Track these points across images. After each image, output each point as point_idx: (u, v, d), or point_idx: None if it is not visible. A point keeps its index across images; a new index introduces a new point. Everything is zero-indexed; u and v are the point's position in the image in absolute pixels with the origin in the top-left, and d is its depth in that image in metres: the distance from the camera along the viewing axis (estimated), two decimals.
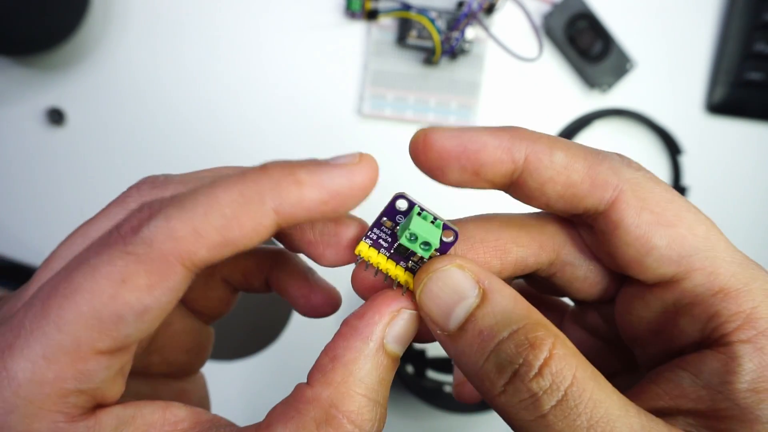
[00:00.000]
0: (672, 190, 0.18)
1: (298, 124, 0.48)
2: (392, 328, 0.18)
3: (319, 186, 0.16)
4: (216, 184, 0.16)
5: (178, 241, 0.15)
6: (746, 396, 0.16)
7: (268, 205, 0.16)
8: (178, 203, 0.16)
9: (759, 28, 0.50)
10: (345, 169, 0.17)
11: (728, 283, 0.17)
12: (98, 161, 0.46)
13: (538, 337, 0.16)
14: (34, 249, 0.45)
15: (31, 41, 0.40)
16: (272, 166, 0.16)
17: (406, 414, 0.51)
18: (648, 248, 0.17)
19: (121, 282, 0.15)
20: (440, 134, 0.18)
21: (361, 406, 0.17)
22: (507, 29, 0.48)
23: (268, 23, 0.47)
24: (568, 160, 0.17)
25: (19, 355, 0.15)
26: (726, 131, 0.53)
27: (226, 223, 0.15)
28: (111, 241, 0.15)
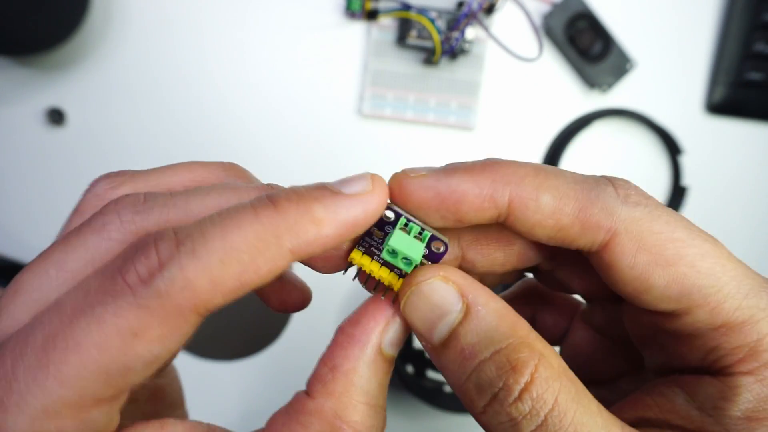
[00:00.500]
0: (675, 222, 0.16)
1: (298, 124, 0.48)
2: (388, 333, 0.17)
3: (336, 223, 0.16)
4: (228, 225, 0.15)
5: (195, 291, 0.14)
6: (738, 423, 0.16)
7: (285, 247, 0.15)
8: (191, 249, 0.15)
9: (759, 28, 0.50)
10: (360, 200, 0.16)
11: (732, 317, 0.16)
12: (98, 161, 0.46)
13: (521, 360, 0.15)
14: (34, 249, 0.45)
15: (31, 41, 0.40)
16: (285, 202, 0.15)
17: (406, 414, 0.51)
18: (646, 287, 0.16)
19: (132, 336, 0.14)
20: (416, 184, 0.17)
21: (365, 415, 0.17)
22: (507, 29, 0.48)
23: (269, 23, 0.47)
24: (556, 204, 0.16)
25: (15, 411, 0.14)
26: (726, 131, 0.53)
27: (244, 269, 0.15)
28: (117, 290, 0.14)
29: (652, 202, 0.17)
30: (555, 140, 0.51)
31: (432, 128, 0.49)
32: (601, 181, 0.17)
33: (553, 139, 0.51)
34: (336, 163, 0.48)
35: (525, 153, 0.51)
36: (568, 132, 0.50)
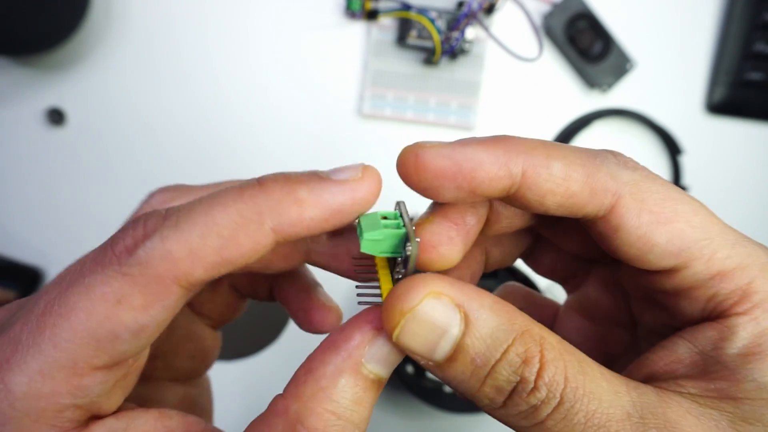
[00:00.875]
0: (667, 185, 0.18)
1: (298, 124, 0.48)
2: (373, 347, 0.16)
3: (320, 205, 0.16)
4: (213, 202, 0.16)
5: (174, 262, 0.15)
6: (736, 359, 0.17)
7: (267, 225, 0.16)
8: (174, 223, 0.15)
9: (759, 28, 0.50)
10: (347, 186, 0.16)
11: (724, 265, 0.17)
12: (98, 161, 0.46)
13: (529, 351, 0.16)
14: (34, 249, 0.45)
15: (31, 41, 0.40)
16: (271, 183, 0.16)
17: (406, 414, 0.51)
18: (649, 246, 0.17)
19: (116, 303, 0.15)
20: (433, 153, 0.17)
21: (329, 425, 0.16)
22: (507, 29, 0.48)
23: (269, 23, 0.47)
24: (566, 171, 0.17)
25: (16, 370, 0.15)
26: (726, 131, 0.53)
27: (223, 244, 0.15)
28: (105, 260, 0.15)
29: (644, 168, 0.18)
30: (555, 140, 0.51)
31: (432, 128, 0.49)
32: (600, 151, 0.18)
33: (553, 139, 0.51)
34: (336, 163, 0.48)
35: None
36: (568, 132, 0.50)
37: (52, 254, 0.45)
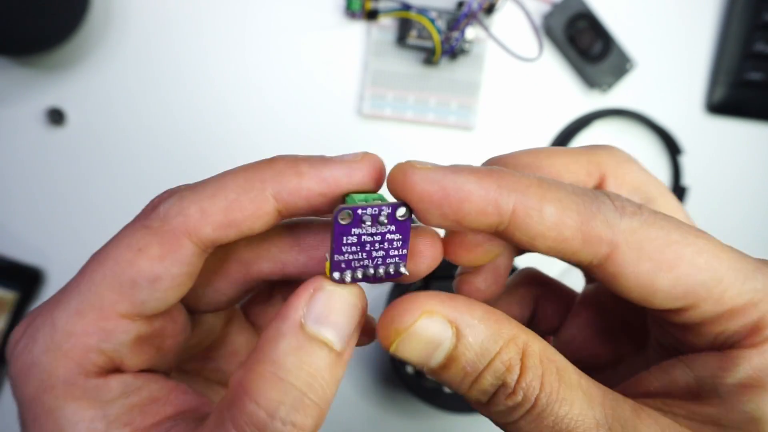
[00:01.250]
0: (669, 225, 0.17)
1: (298, 124, 0.48)
2: (312, 307, 0.17)
3: (317, 178, 0.17)
4: (226, 172, 0.18)
5: (187, 217, 0.17)
6: (732, 389, 0.16)
7: (268, 191, 0.17)
8: (192, 187, 0.18)
9: (759, 28, 0.50)
10: (345, 165, 0.18)
11: (735, 302, 0.17)
12: (98, 161, 0.46)
13: (512, 358, 0.17)
14: (35, 249, 0.45)
15: (31, 41, 0.40)
16: (279, 159, 0.18)
17: (406, 414, 0.51)
18: (652, 292, 0.17)
19: (138, 251, 0.17)
20: (421, 176, 0.16)
21: (266, 383, 0.16)
22: (507, 29, 0.48)
23: (268, 23, 0.47)
24: (559, 216, 0.16)
25: (61, 308, 0.17)
26: (726, 131, 0.53)
27: (229, 205, 0.17)
28: (136, 218, 0.18)
29: (645, 210, 0.17)
30: (555, 140, 0.51)
31: (432, 128, 0.49)
32: (598, 194, 0.17)
33: (553, 139, 0.51)
34: None
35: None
36: (568, 132, 0.50)
37: (53, 254, 0.45)
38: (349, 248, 0.17)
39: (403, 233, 0.17)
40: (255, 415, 0.16)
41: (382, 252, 0.18)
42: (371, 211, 0.17)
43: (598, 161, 0.21)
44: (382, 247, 0.17)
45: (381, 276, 0.18)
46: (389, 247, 0.18)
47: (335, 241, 0.17)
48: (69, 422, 0.17)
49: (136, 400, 0.18)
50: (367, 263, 0.18)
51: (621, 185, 0.21)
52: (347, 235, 0.17)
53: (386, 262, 0.18)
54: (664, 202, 0.21)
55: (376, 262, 0.18)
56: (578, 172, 0.20)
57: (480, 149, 0.50)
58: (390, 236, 0.17)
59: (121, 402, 0.18)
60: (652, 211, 0.17)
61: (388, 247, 0.18)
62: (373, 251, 0.17)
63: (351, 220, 0.17)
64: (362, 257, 0.17)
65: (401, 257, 0.18)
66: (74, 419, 0.17)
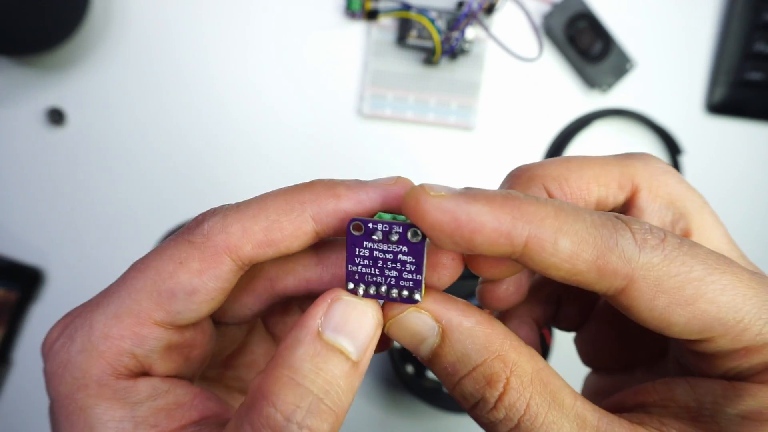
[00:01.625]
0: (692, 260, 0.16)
1: (298, 124, 0.48)
2: (329, 316, 0.17)
3: (354, 200, 0.18)
4: (268, 194, 0.19)
5: (229, 235, 0.18)
6: (733, 419, 0.16)
7: (307, 213, 0.18)
8: (235, 206, 0.19)
9: (759, 28, 0.50)
10: (380, 188, 0.19)
11: (754, 341, 0.16)
12: (98, 161, 0.46)
13: (495, 375, 0.17)
14: (35, 249, 0.45)
15: (31, 41, 0.40)
16: (317, 182, 0.19)
17: (406, 414, 0.51)
18: (666, 324, 0.16)
19: (179, 263, 0.18)
20: (434, 204, 0.16)
21: (284, 387, 0.16)
22: (507, 29, 0.48)
23: (269, 23, 0.47)
24: (575, 249, 0.16)
25: (100, 311, 0.18)
26: (726, 131, 0.53)
27: (270, 225, 0.18)
28: (180, 232, 0.19)
29: (669, 244, 0.16)
30: (555, 140, 0.51)
31: (432, 128, 0.49)
32: (619, 225, 0.17)
33: (553, 139, 0.51)
34: (336, 163, 0.48)
35: (525, 153, 0.51)
36: (568, 132, 0.50)
37: (53, 254, 0.45)
38: (362, 260, 0.18)
39: (416, 258, 0.17)
40: (272, 418, 0.16)
41: (395, 272, 0.18)
42: (382, 227, 0.17)
43: (631, 172, 0.20)
44: (395, 268, 0.18)
45: (394, 297, 0.18)
46: (402, 269, 0.18)
47: (348, 251, 0.18)
48: (99, 421, 0.17)
49: (162, 404, 0.18)
50: (380, 280, 0.18)
51: (654, 199, 0.20)
52: (359, 246, 0.18)
53: (399, 284, 0.18)
54: (699, 219, 0.21)
55: (389, 282, 0.18)
56: (609, 184, 0.20)
57: (480, 149, 0.50)
58: (402, 257, 0.18)
59: (148, 404, 0.18)
60: (677, 243, 0.17)
61: (401, 269, 0.18)
62: (386, 269, 0.18)
63: (362, 232, 0.17)
64: (375, 273, 0.18)
65: (415, 283, 0.18)
66: (104, 418, 0.18)
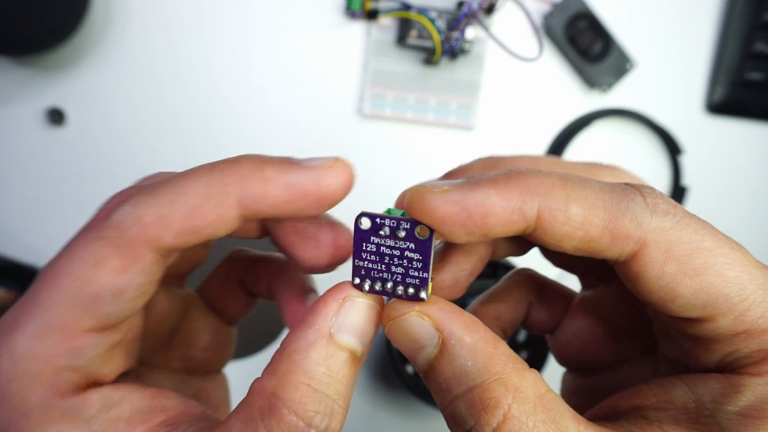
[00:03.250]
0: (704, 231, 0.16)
1: (298, 124, 0.48)
2: (341, 317, 0.17)
3: (284, 185, 0.17)
4: (185, 175, 0.17)
5: (145, 226, 0.16)
6: (732, 418, 0.16)
7: (232, 198, 0.16)
8: (147, 191, 0.17)
9: (759, 28, 0.50)
10: (314, 172, 0.17)
11: (755, 324, 0.16)
12: (98, 161, 0.46)
13: (494, 399, 0.16)
14: (34, 249, 0.45)
15: (31, 41, 0.40)
16: (243, 160, 0.17)
17: (406, 414, 0.51)
18: (672, 296, 0.16)
19: (95, 264, 0.16)
20: (440, 199, 0.16)
21: (304, 396, 0.16)
22: (507, 29, 0.48)
23: (269, 23, 0.47)
24: (586, 214, 0.16)
25: (18, 333, 0.16)
26: (726, 131, 0.53)
27: (190, 212, 0.16)
28: (87, 227, 0.17)
29: (680, 211, 0.16)
30: (555, 140, 0.51)
31: (432, 128, 0.49)
32: (628, 190, 0.17)
33: (553, 139, 0.51)
34: None
35: (525, 153, 0.51)
36: (568, 132, 0.50)
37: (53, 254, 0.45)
38: (369, 256, 0.18)
39: (423, 255, 0.17)
40: (294, 425, 0.16)
41: (401, 269, 0.18)
42: (389, 222, 0.17)
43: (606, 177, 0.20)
44: (402, 264, 0.17)
45: (400, 294, 0.18)
46: (409, 266, 0.17)
47: (355, 245, 0.17)
48: None
49: (118, 413, 0.17)
50: (386, 276, 0.18)
51: None
52: (367, 241, 0.17)
53: (405, 281, 0.18)
54: None
55: (395, 278, 0.18)
56: None
57: (480, 149, 0.50)
58: (409, 254, 0.17)
59: (104, 416, 0.17)
60: (687, 213, 0.16)
61: (407, 266, 0.17)
62: (392, 265, 0.18)
63: (370, 226, 0.17)
64: (381, 269, 0.18)
65: (422, 281, 0.17)
66: None
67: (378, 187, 0.48)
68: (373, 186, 0.48)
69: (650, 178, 0.52)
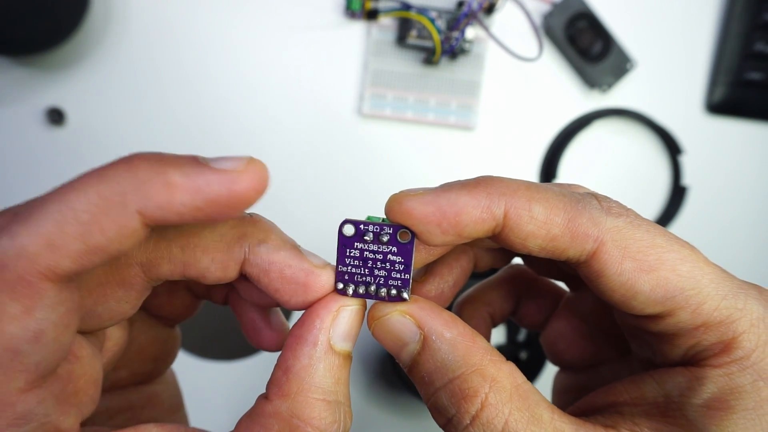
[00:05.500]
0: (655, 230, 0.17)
1: (297, 124, 0.48)
2: (336, 327, 0.18)
3: (192, 191, 0.15)
4: (70, 187, 0.15)
5: (31, 258, 0.14)
6: (697, 411, 0.17)
7: (131, 207, 0.14)
8: (25, 217, 0.14)
9: (759, 28, 0.50)
10: (225, 176, 0.15)
11: (711, 317, 0.17)
12: (98, 161, 0.46)
13: (472, 389, 0.17)
14: None
15: (31, 41, 0.40)
16: (139, 162, 0.15)
17: (406, 414, 0.51)
18: (632, 293, 0.17)
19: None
20: (416, 201, 0.17)
21: (322, 411, 0.17)
22: (507, 29, 0.48)
23: (268, 23, 0.47)
24: (548, 214, 0.17)
25: None
26: (726, 131, 0.53)
27: (85, 229, 0.14)
28: None
29: (632, 213, 0.18)
30: (555, 140, 0.51)
31: (432, 128, 0.49)
32: (585, 195, 0.18)
33: (553, 139, 0.51)
34: (336, 163, 0.48)
35: (525, 153, 0.51)
36: (568, 132, 0.50)
37: None
38: (352, 261, 0.18)
39: (405, 258, 0.18)
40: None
41: (384, 272, 0.18)
42: (373, 228, 0.18)
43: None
44: (384, 267, 0.18)
45: (383, 296, 0.19)
46: (391, 268, 0.18)
47: (339, 252, 0.18)
48: None
49: None
50: (369, 280, 0.19)
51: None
52: (350, 247, 0.18)
53: (388, 283, 0.19)
54: None
55: (378, 281, 0.19)
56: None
57: (480, 149, 0.50)
58: (392, 257, 0.18)
59: None
60: (638, 215, 0.18)
61: (390, 269, 0.18)
62: (375, 269, 0.18)
63: (354, 232, 0.18)
64: (364, 273, 0.18)
65: (403, 282, 0.18)
66: None
67: (378, 187, 0.48)
68: (373, 186, 0.48)
69: (650, 178, 0.53)
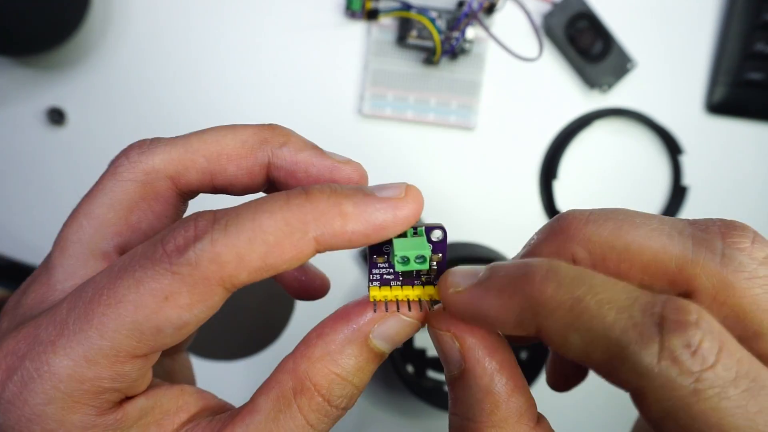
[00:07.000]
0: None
1: (298, 124, 0.48)
2: (382, 325, 0.18)
3: (363, 221, 0.17)
4: (261, 208, 0.16)
5: (222, 265, 0.16)
6: None
7: (311, 234, 0.16)
8: (224, 226, 0.16)
9: (759, 28, 0.50)
10: (390, 204, 0.17)
11: None
12: (98, 161, 0.46)
13: None
14: (34, 249, 0.45)
15: (31, 41, 0.40)
16: (317, 194, 0.17)
17: (406, 414, 0.51)
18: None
19: (164, 299, 0.16)
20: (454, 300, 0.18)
21: (333, 383, 0.18)
22: (507, 29, 0.48)
23: (269, 23, 0.47)
24: (585, 348, 0.14)
25: (62, 353, 0.16)
26: (726, 131, 0.53)
27: (269, 250, 0.16)
28: (156, 256, 0.16)
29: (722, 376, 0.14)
30: (555, 140, 0.51)
31: (432, 128, 0.49)
32: (647, 334, 0.14)
33: (554, 139, 0.51)
34: None
35: (525, 153, 0.51)
36: (568, 132, 0.50)
37: None
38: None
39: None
40: (322, 407, 0.18)
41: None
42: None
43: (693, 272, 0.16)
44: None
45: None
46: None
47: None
48: None
49: (151, 419, 0.18)
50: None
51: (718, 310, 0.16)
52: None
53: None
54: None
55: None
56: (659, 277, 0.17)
57: (481, 149, 0.50)
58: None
59: (139, 424, 0.18)
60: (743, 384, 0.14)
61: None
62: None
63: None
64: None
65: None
66: None
67: None
68: None
69: (650, 178, 0.53)
